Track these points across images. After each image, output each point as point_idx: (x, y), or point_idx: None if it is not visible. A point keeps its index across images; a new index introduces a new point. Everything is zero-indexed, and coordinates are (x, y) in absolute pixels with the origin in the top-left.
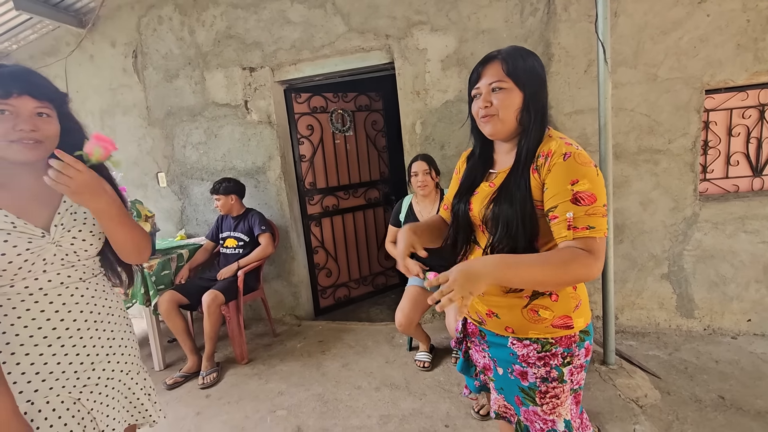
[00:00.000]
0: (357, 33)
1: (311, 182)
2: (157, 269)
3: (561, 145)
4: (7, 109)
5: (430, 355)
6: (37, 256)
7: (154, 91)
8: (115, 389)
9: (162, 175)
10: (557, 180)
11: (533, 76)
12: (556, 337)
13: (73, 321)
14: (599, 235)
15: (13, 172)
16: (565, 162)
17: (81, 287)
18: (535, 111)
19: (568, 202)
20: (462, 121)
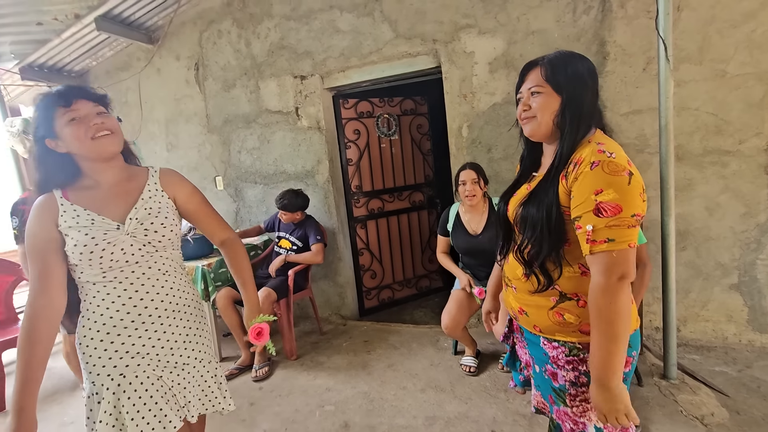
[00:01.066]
0: (404, 39)
1: (357, 185)
2: (215, 267)
3: (593, 152)
4: (75, 116)
5: (476, 360)
6: (113, 246)
7: (213, 100)
8: (190, 374)
9: (219, 179)
10: (582, 189)
11: (573, 81)
12: (583, 342)
13: (155, 309)
14: (620, 248)
15: (100, 177)
16: (592, 171)
17: (161, 279)
18: (572, 115)
19: (591, 213)
20: (510, 124)
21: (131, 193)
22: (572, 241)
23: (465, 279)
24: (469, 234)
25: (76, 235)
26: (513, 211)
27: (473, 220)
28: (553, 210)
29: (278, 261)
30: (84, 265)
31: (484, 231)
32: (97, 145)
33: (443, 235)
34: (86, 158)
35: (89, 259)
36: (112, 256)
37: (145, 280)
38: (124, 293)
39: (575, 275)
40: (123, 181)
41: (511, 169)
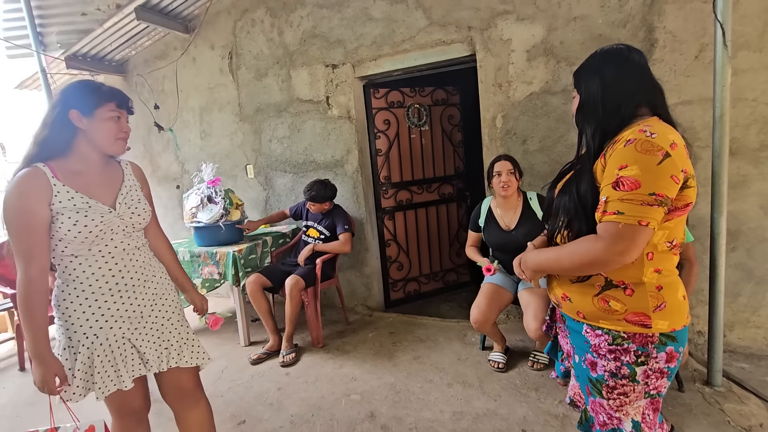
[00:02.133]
0: (438, 26)
1: (386, 176)
2: (245, 253)
3: (633, 132)
4: (118, 116)
5: (504, 357)
6: (107, 227)
7: (246, 89)
8: (161, 333)
9: (250, 167)
10: (611, 164)
11: (588, 78)
12: (629, 332)
13: (130, 278)
14: (627, 221)
15: (89, 162)
16: (625, 147)
17: (136, 254)
18: (587, 112)
19: (609, 186)
20: (548, 114)
21: (114, 181)
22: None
23: (484, 260)
24: (501, 229)
25: (74, 216)
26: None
27: (506, 215)
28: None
29: (307, 250)
30: (73, 242)
31: (518, 226)
32: (118, 145)
33: (474, 231)
34: (96, 148)
35: (85, 237)
36: (103, 235)
37: (124, 254)
38: (105, 265)
39: None
40: (104, 170)
41: (547, 161)
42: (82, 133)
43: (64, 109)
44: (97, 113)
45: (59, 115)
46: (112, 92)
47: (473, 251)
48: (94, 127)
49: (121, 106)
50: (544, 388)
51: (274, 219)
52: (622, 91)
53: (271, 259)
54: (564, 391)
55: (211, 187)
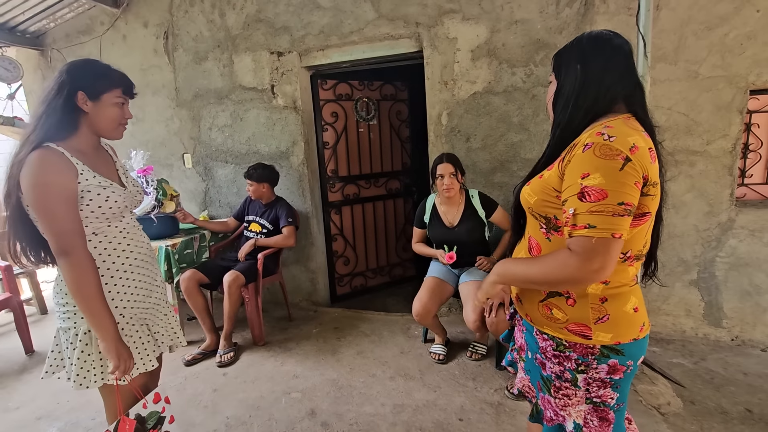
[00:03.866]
0: (386, 20)
1: (333, 170)
2: (180, 248)
3: (591, 135)
4: (124, 103)
5: (445, 348)
6: (125, 204)
7: (183, 72)
8: (166, 312)
9: (188, 156)
10: (571, 172)
11: (566, 62)
12: (570, 341)
13: (140, 253)
14: (600, 235)
15: (89, 144)
16: (583, 153)
17: (139, 229)
18: (565, 98)
19: (575, 197)
20: (490, 113)
21: (108, 161)
22: (564, 230)
23: (439, 252)
24: (445, 226)
25: (103, 192)
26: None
27: (450, 212)
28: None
29: (247, 246)
30: (98, 219)
31: (461, 223)
32: (119, 131)
33: (419, 227)
34: (95, 131)
35: (113, 213)
36: (121, 213)
37: (133, 229)
38: (123, 240)
39: None
40: (99, 151)
41: (489, 159)
42: (84, 116)
43: (72, 90)
44: (104, 98)
45: (68, 98)
46: (120, 78)
47: (422, 246)
48: (99, 112)
49: (126, 93)
50: (481, 377)
51: (214, 227)
52: (603, 83)
53: (210, 255)
54: (502, 379)
55: (142, 177)
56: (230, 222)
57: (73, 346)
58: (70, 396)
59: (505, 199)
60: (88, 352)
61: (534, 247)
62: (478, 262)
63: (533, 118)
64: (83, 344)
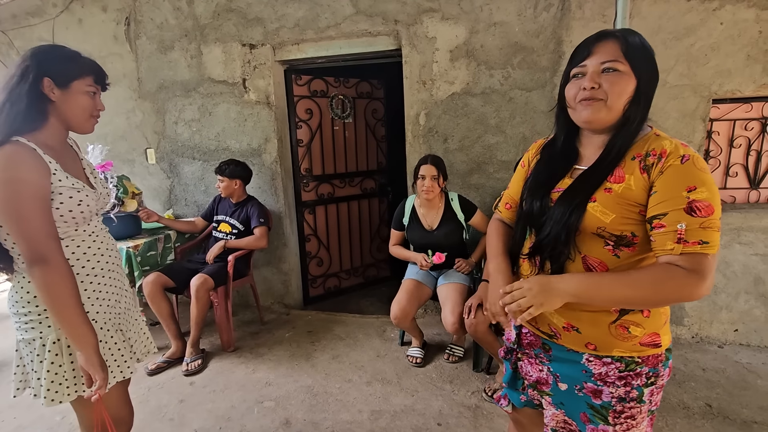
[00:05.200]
0: (365, 16)
1: (307, 168)
2: (142, 249)
3: (677, 146)
4: (95, 92)
5: (422, 351)
6: (97, 207)
7: (147, 62)
8: (132, 318)
9: (151, 152)
10: (671, 184)
11: (650, 63)
12: (643, 356)
13: (110, 256)
14: (711, 252)
15: (57, 139)
16: (683, 165)
17: (107, 231)
18: (645, 103)
19: (681, 211)
20: (468, 114)
21: (75, 159)
22: (640, 245)
23: (420, 257)
24: (424, 228)
25: (76, 195)
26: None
27: (429, 215)
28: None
29: (216, 248)
30: (68, 223)
31: (440, 226)
32: (90, 123)
33: (397, 230)
34: (65, 123)
35: (84, 217)
36: (91, 215)
37: (101, 233)
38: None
39: None
40: (67, 147)
41: (466, 161)
42: (52, 106)
43: (37, 76)
44: (74, 86)
45: (33, 85)
46: (91, 65)
47: (400, 249)
48: (68, 100)
49: (98, 82)
50: (458, 380)
51: (180, 227)
52: (655, 91)
53: (175, 256)
54: (479, 381)
55: (101, 173)
56: (198, 222)
57: (40, 359)
58: (17, 412)
59: (481, 201)
60: (58, 363)
61: (595, 267)
62: (457, 264)
63: (510, 121)
64: (53, 355)
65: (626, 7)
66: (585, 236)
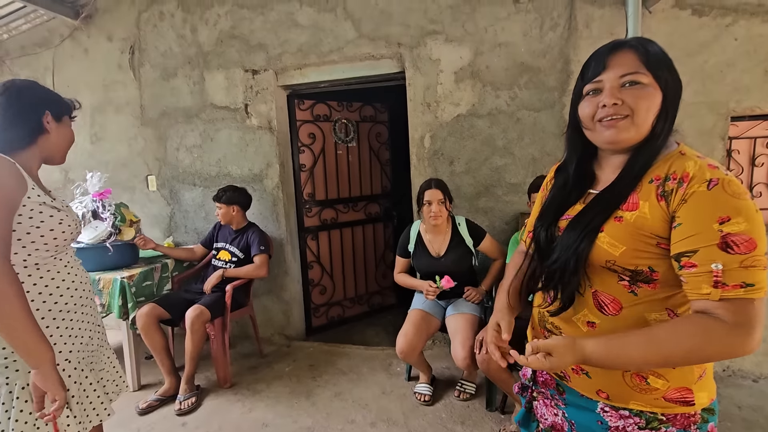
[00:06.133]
0: (367, 40)
1: (310, 193)
2: (138, 279)
3: (703, 168)
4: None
5: (431, 388)
6: (77, 232)
7: (150, 89)
8: (105, 356)
9: (152, 178)
10: (698, 215)
11: (673, 73)
12: (668, 413)
13: (84, 290)
14: (758, 296)
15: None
16: (711, 192)
17: (80, 265)
18: (672, 117)
19: (715, 248)
20: (474, 136)
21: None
22: (661, 281)
23: (425, 284)
24: (431, 255)
25: (57, 216)
26: None
27: (435, 241)
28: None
29: (214, 277)
30: (44, 248)
31: (448, 252)
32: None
33: (403, 257)
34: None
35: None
36: (68, 243)
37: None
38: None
39: None
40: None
41: (473, 183)
42: (43, 136)
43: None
44: (64, 120)
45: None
46: (70, 101)
47: (406, 277)
48: (60, 133)
49: (73, 117)
50: (470, 421)
51: (178, 255)
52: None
53: (172, 286)
54: (494, 422)
55: (98, 201)
56: (197, 249)
57: (5, 407)
58: None
59: (490, 225)
60: (29, 410)
61: (608, 304)
62: (467, 293)
63: (518, 142)
64: (22, 402)
65: (637, 24)
66: (595, 269)
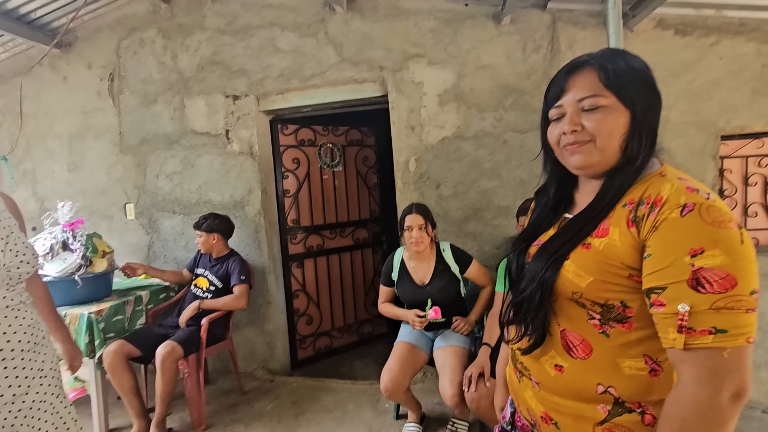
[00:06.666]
0: (350, 64)
1: (294, 219)
2: (107, 314)
3: (679, 191)
4: None
5: (419, 428)
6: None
7: (130, 116)
8: (47, 413)
9: (130, 207)
10: (668, 245)
11: (643, 86)
12: None
13: (18, 342)
14: (735, 344)
15: None
16: (683, 219)
17: (22, 310)
18: (648, 136)
19: (684, 285)
20: (461, 158)
21: None
22: (636, 320)
23: (411, 314)
24: (415, 284)
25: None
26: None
27: (419, 269)
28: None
29: (190, 310)
30: None
31: (433, 281)
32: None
33: (387, 285)
34: None
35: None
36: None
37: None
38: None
39: (639, 373)
40: None
41: (461, 207)
42: None
43: None
44: None
45: None
46: None
47: (390, 306)
48: None
49: None
50: None
51: (169, 278)
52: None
53: (146, 320)
54: None
55: (68, 231)
56: (185, 274)
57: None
58: None
59: (479, 250)
60: None
61: (577, 346)
62: (455, 323)
63: (505, 164)
64: None
65: (619, 45)
66: (562, 303)
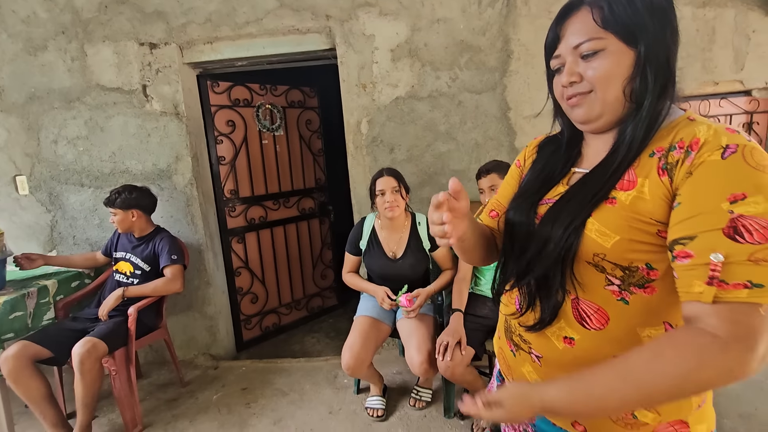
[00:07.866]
0: (291, 10)
1: (232, 190)
2: (3, 311)
3: (718, 133)
4: None
5: (383, 400)
6: None
7: (10, 66)
8: None
9: (22, 179)
10: (703, 191)
11: (649, 14)
12: None
13: None
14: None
15: None
16: (725, 161)
17: None
18: (657, 74)
19: (719, 233)
20: (415, 120)
21: None
22: (660, 284)
23: (381, 292)
24: (386, 256)
25: None
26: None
27: (391, 239)
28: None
29: (112, 299)
30: None
31: (405, 255)
32: None
33: (353, 254)
34: None
35: None
36: None
37: None
38: None
39: None
40: None
41: (416, 172)
42: None
43: None
44: None
45: None
46: None
47: (356, 278)
48: None
49: None
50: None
51: (77, 264)
52: (675, 50)
53: (56, 314)
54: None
55: None
56: (99, 257)
57: None
58: None
59: None
60: None
61: (591, 315)
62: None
63: (461, 127)
64: None
65: None
66: (578, 267)
